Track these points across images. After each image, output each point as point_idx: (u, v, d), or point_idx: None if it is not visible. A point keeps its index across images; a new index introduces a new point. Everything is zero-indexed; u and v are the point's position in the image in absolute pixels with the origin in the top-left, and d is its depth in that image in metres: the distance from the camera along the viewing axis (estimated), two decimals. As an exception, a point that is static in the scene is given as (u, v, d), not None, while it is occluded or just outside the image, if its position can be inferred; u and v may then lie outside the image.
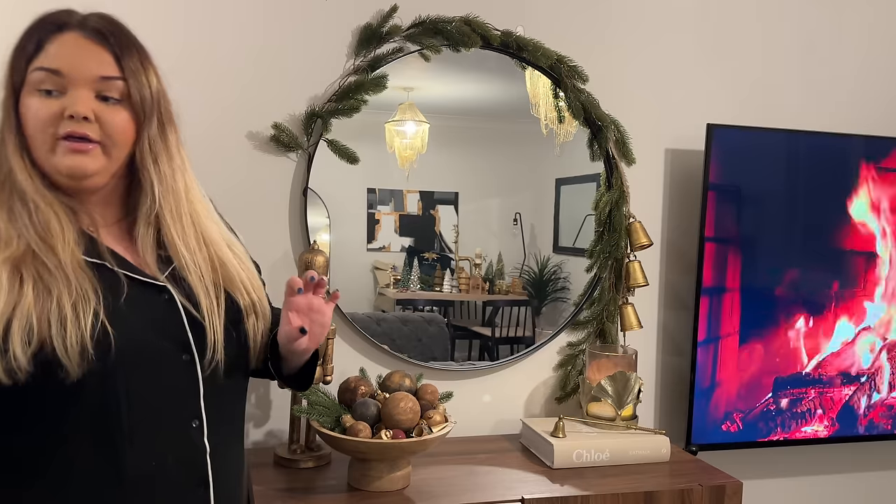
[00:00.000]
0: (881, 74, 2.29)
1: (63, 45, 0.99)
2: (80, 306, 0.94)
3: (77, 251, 0.99)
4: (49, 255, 0.96)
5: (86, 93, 0.98)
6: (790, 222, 2.08)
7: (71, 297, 0.94)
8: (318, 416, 1.53)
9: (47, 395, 0.95)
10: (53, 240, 0.97)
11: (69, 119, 0.97)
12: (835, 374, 2.14)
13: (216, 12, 1.74)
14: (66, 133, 0.97)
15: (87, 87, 0.98)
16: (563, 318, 2.02)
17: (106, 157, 1.01)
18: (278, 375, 1.21)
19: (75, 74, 0.97)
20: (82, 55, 0.98)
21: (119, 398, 0.98)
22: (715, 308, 2.02)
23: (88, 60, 0.98)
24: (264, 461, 1.69)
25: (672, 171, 2.10)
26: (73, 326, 0.92)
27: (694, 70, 2.10)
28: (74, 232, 1.00)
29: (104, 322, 0.95)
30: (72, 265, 0.96)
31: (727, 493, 1.65)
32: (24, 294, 0.93)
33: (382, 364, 1.87)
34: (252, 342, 1.13)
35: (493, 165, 1.97)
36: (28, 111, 0.98)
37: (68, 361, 0.92)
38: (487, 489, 1.57)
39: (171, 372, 1.04)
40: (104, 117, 0.99)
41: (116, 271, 1.01)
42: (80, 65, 0.98)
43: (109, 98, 1.00)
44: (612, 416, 1.84)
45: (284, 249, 1.82)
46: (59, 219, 0.99)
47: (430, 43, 1.82)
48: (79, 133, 0.97)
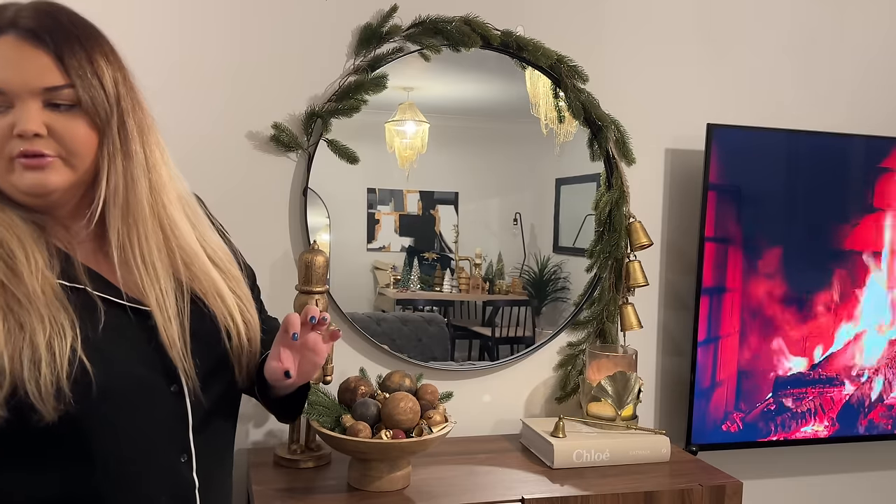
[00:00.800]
0: (882, 74, 2.29)
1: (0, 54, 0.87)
2: (56, 343, 0.84)
3: (49, 276, 0.89)
4: (18, 284, 0.86)
5: (33, 105, 0.87)
6: (790, 222, 2.08)
7: (45, 333, 0.84)
8: (318, 416, 1.53)
9: (22, 438, 0.87)
10: (20, 266, 0.87)
11: (19, 138, 0.87)
12: (835, 374, 2.14)
13: (216, 12, 1.74)
14: (19, 153, 0.88)
15: (32, 98, 0.87)
16: (563, 318, 2.02)
17: (68, 169, 0.91)
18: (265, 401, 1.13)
19: (17, 89, 0.87)
20: (21, 65, 0.87)
21: (102, 439, 0.91)
22: (715, 308, 2.02)
23: (27, 71, 0.87)
24: (264, 461, 1.69)
25: (672, 171, 2.10)
26: (47, 368, 0.83)
27: (694, 70, 2.10)
28: (43, 254, 0.90)
29: (82, 359, 0.86)
30: (44, 294, 0.86)
31: (727, 493, 1.65)
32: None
33: (382, 364, 1.87)
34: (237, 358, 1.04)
35: (493, 165, 1.97)
36: None
37: (42, 405, 0.84)
38: (487, 489, 1.57)
39: (158, 406, 0.96)
40: (57, 128, 0.89)
41: (93, 295, 0.91)
42: (20, 77, 0.86)
43: (61, 104, 0.89)
44: (612, 416, 1.84)
45: (284, 249, 1.82)
46: (22, 244, 0.89)
47: (430, 43, 1.82)
48: (31, 151, 0.88)
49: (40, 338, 0.84)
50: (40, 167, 0.89)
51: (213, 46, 1.74)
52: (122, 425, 0.92)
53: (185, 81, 1.71)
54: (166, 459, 0.96)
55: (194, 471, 0.98)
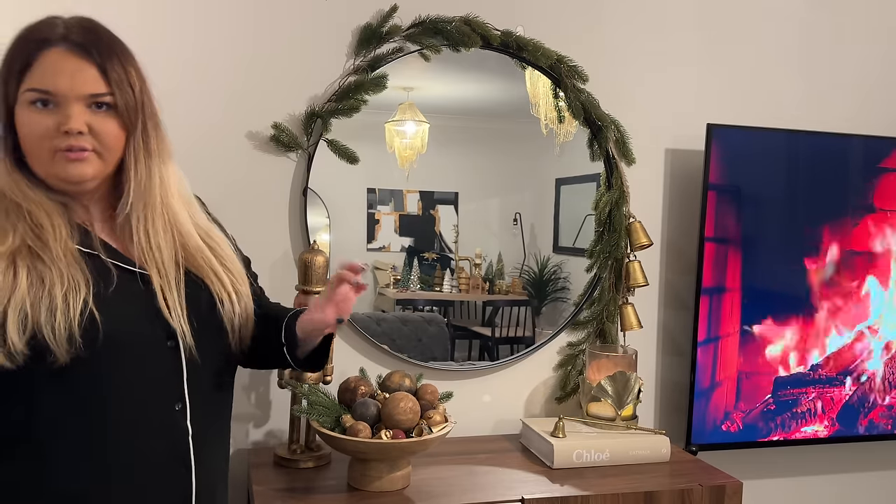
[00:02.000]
0: (882, 74, 2.29)
1: (50, 63, 1.03)
2: (71, 295, 1.00)
3: (70, 243, 1.04)
4: (43, 249, 1.02)
5: (78, 107, 1.03)
6: (790, 222, 2.08)
7: (63, 287, 0.99)
8: (318, 416, 1.53)
9: (36, 378, 1.01)
10: (46, 235, 1.03)
11: (66, 134, 1.02)
12: (835, 374, 2.14)
13: (216, 12, 1.74)
14: (64, 147, 1.03)
15: (78, 102, 1.03)
16: (563, 318, 2.02)
17: (101, 162, 1.07)
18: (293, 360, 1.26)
19: (66, 93, 1.02)
20: (71, 73, 1.03)
21: (106, 382, 1.04)
22: (715, 308, 2.02)
23: (76, 79, 1.03)
24: (264, 461, 1.69)
25: (672, 171, 2.10)
26: (62, 315, 0.98)
27: (694, 70, 2.10)
28: (66, 226, 1.06)
29: (93, 310, 1.01)
30: (64, 257, 1.02)
31: (727, 493, 1.65)
32: (19, 284, 0.99)
33: (382, 364, 1.87)
34: (229, 322, 1.16)
35: (493, 165, 1.97)
36: (24, 127, 1.04)
37: (56, 347, 0.98)
38: (487, 489, 1.57)
39: (156, 358, 1.09)
40: (96, 127, 1.05)
41: (107, 261, 1.07)
42: (70, 84, 1.02)
43: (102, 105, 1.05)
44: (612, 416, 1.84)
45: (284, 249, 1.82)
46: (50, 218, 1.04)
47: (430, 43, 1.82)
48: (76, 146, 1.03)
49: (58, 290, 0.99)
50: (80, 160, 1.05)
51: (212, 47, 1.74)
52: (124, 371, 1.06)
53: (185, 81, 1.71)
54: (162, 406, 1.09)
55: (188, 419, 1.11)
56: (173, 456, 1.10)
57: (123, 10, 1.66)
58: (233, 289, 1.17)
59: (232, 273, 1.18)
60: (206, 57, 1.73)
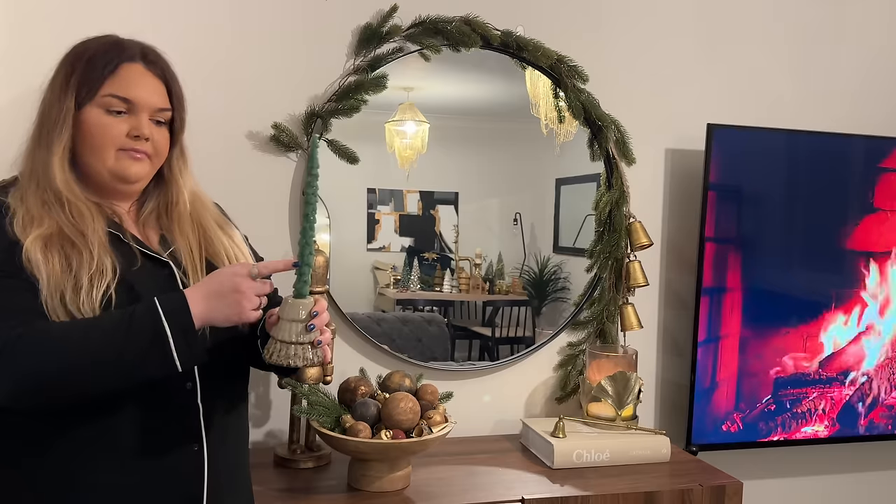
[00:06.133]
0: (882, 74, 2.29)
1: (131, 75, 1.17)
2: (97, 278, 1.07)
3: (102, 233, 1.13)
4: (78, 236, 1.10)
5: (146, 117, 1.18)
6: (790, 222, 2.08)
7: (89, 270, 1.07)
8: (318, 416, 1.53)
9: None
10: (84, 225, 1.11)
11: (135, 138, 1.16)
12: (835, 374, 2.14)
13: (215, 12, 1.74)
14: (131, 147, 1.16)
15: (147, 112, 1.17)
16: (563, 318, 2.02)
17: (151, 165, 1.21)
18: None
19: (142, 103, 1.17)
20: (147, 87, 1.18)
21: None
22: (715, 308, 2.02)
23: (151, 93, 1.18)
24: (264, 461, 1.69)
25: (672, 171, 2.10)
26: (86, 295, 1.06)
27: (694, 70, 2.10)
28: (102, 219, 1.15)
29: (113, 293, 1.08)
30: (98, 245, 1.10)
31: (727, 493, 1.65)
32: (53, 265, 1.06)
33: (382, 364, 1.87)
34: None
35: (493, 165, 1.97)
36: (95, 126, 1.14)
37: None
38: (487, 489, 1.57)
39: None
40: (154, 136, 1.19)
41: (132, 246, 1.16)
42: (146, 96, 1.17)
43: (161, 121, 1.21)
44: (613, 416, 1.84)
45: (284, 249, 1.82)
46: (90, 211, 1.14)
47: (430, 43, 1.82)
48: (141, 149, 1.17)
49: (84, 272, 1.07)
50: (140, 160, 1.18)
51: (213, 47, 1.74)
52: None
53: (185, 82, 1.70)
54: (173, 385, 1.12)
55: (199, 398, 1.15)
56: (186, 434, 1.14)
57: (124, 10, 1.66)
58: None
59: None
60: (206, 57, 1.73)
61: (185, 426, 1.15)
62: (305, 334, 1.08)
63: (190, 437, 1.15)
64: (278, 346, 1.09)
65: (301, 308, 1.09)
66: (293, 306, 1.09)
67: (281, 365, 1.09)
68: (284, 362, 1.08)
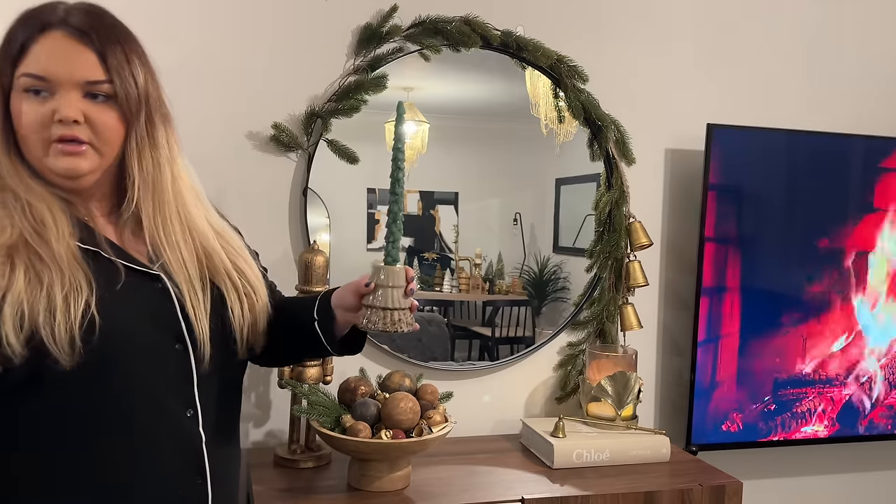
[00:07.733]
0: (882, 74, 2.29)
1: (47, 48, 0.98)
2: (72, 297, 0.94)
3: (71, 242, 0.98)
4: (43, 246, 0.96)
5: (74, 94, 0.97)
6: (790, 222, 2.08)
7: (63, 288, 0.94)
8: (318, 416, 1.53)
9: (43, 383, 0.96)
10: (48, 232, 0.97)
11: (59, 123, 0.97)
12: (835, 374, 2.14)
13: (216, 12, 1.74)
14: (57, 136, 0.98)
15: (74, 89, 0.98)
16: (563, 318, 2.02)
17: (98, 156, 1.01)
18: (328, 340, 1.20)
19: (62, 79, 0.97)
20: (67, 58, 0.97)
21: (114, 387, 0.99)
22: (715, 308, 2.02)
23: (73, 64, 0.97)
24: (264, 461, 1.69)
25: (672, 171, 2.10)
26: (62, 316, 0.93)
27: (694, 70, 2.10)
28: (68, 223, 1.00)
29: (94, 313, 0.95)
30: (66, 256, 0.96)
31: (727, 493, 1.65)
32: (16, 280, 0.93)
33: (382, 364, 1.87)
34: (238, 330, 1.11)
35: (493, 165, 1.97)
36: (17, 115, 0.99)
37: (57, 351, 0.93)
38: (487, 489, 1.57)
39: (164, 361, 1.04)
40: (93, 117, 0.99)
41: (113, 260, 1.02)
42: (66, 69, 0.97)
43: (98, 95, 1.00)
44: (612, 416, 1.84)
45: (284, 249, 1.82)
46: (52, 213, 0.99)
47: (430, 43, 1.82)
48: (69, 136, 0.98)
49: (57, 290, 0.93)
50: (75, 153, 0.99)
51: (212, 47, 1.74)
52: (130, 376, 1.00)
53: (185, 82, 1.71)
54: (173, 413, 1.04)
55: (200, 426, 1.06)
56: (189, 465, 1.05)
57: (123, 10, 1.66)
58: (244, 293, 1.12)
59: (246, 275, 1.13)
60: (205, 57, 1.73)
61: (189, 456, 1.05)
62: (405, 300, 1.06)
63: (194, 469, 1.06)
64: (381, 314, 1.05)
65: (401, 275, 1.07)
66: (395, 273, 1.07)
67: (386, 331, 1.05)
68: (392, 328, 1.05)
